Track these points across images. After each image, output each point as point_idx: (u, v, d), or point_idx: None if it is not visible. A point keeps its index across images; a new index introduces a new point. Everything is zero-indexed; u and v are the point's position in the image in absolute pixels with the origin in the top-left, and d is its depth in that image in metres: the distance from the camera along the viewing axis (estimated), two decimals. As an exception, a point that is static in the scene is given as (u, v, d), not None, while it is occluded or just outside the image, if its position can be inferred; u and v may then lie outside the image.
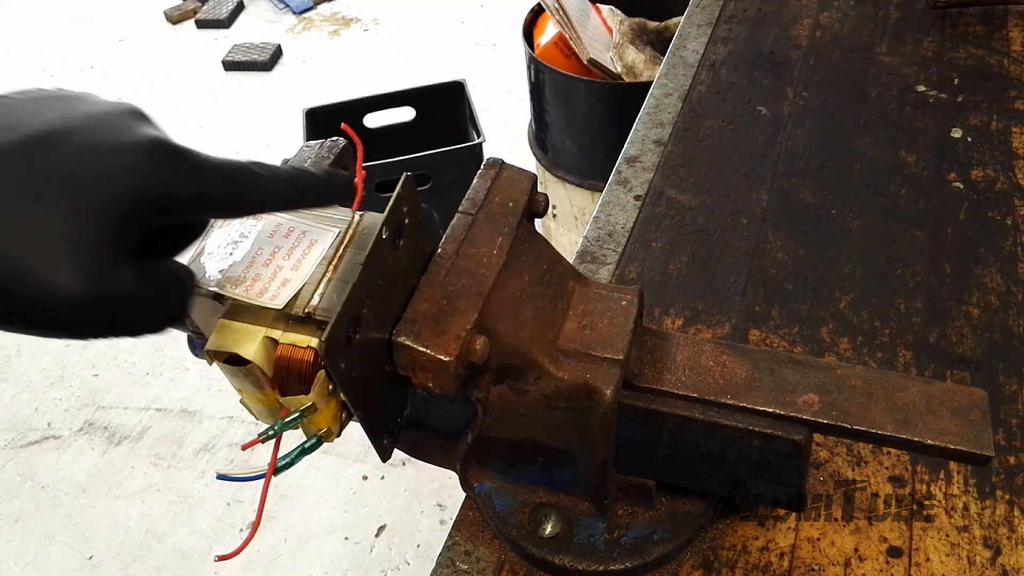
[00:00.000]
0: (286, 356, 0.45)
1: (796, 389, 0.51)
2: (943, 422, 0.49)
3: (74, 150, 0.36)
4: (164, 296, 0.40)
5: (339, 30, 3.29)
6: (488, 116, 2.23)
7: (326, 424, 0.47)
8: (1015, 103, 0.93)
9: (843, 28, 1.07)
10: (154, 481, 1.85)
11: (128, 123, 0.39)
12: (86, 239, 0.35)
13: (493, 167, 0.54)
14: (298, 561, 1.68)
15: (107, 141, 0.37)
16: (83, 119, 0.38)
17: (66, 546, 1.75)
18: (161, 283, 0.40)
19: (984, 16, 1.06)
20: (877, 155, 0.89)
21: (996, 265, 0.76)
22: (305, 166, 0.45)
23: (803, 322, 0.72)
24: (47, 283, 0.34)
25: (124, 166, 0.37)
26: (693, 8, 1.13)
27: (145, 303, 0.39)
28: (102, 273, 0.36)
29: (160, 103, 2.98)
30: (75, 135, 0.37)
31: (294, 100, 2.73)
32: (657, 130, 0.94)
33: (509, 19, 2.97)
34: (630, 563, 0.56)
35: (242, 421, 1.94)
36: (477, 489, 0.58)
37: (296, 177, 0.44)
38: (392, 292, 0.46)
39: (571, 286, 0.54)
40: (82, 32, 3.39)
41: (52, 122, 0.37)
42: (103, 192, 0.36)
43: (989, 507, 0.59)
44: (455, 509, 0.61)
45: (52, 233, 0.35)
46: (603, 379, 0.49)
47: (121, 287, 0.37)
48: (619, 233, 0.81)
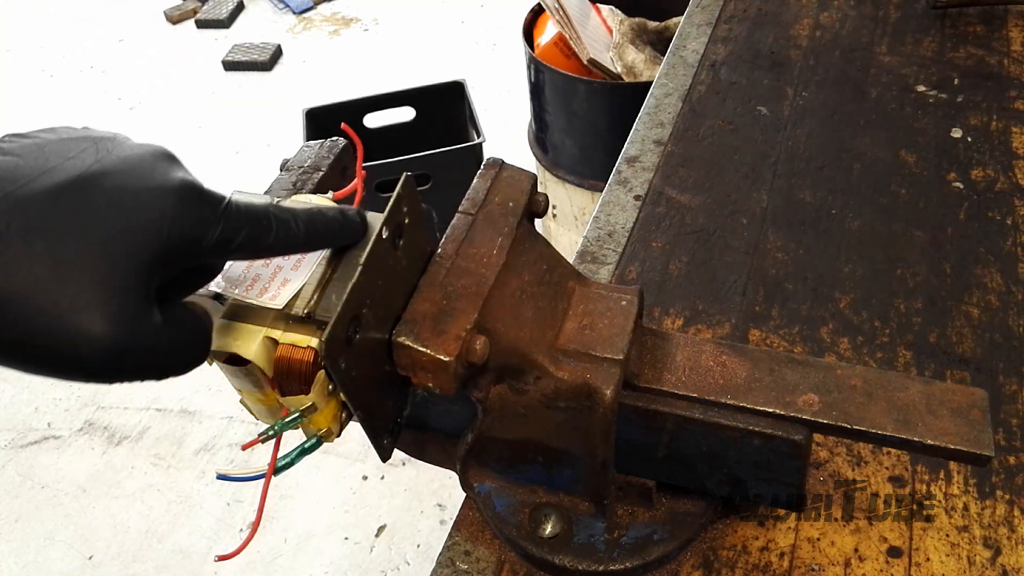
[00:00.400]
0: (286, 356, 0.45)
1: (796, 389, 0.51)
2: (943, 422, 0.49)
3: (107, 196, 0.37)
4: (190, 340, 0.41)
5: (339, 30, 3.29)
6: (488, 116, 2.23)
7: (326, 424, 0.47)
8: (1015, 103, 0.93)
9: (843, 28, 1.07)
10: (154, 481, 1.85)
11: (158, 166, 0.40)
12: (117, 285, 0.36)
13: (493, 167, 0.54)
14: (298, 561, 1.68)
15: (139, 186, 0.38)
16: (115, 163, 0.38)
17: (66, 546, 1.75)
18: (185, 327, 0.40)
19: (984, 16, 1.06)
20: (877, 155, 0.89)
21: (996, 265, 0.76)
22: (322, 207, 0.46)
23: (803, 322, 0.72)
24: (78, 330, 0.35)
25: (155, 212, 0.37)
26: (693, 8, 1.13)
27: (173, 347, 0.39)
28: (132, 319, 0.36)
29: (160, 103, 2.98)
30: (108, 180, 0.37)
31: (294, 100, 2.73)
32: (657, 130, 0.94)
33: (509, 19, 2.97)
34: (630, 563, 0.56)
35: (242, 421, 1.94)
36: (477, 489, 0.58)
37: (314, 219, 0.44)
38: (392, 292, 0.46)
39: (571, 286, 0.54)
40: (82, 32, 3.39)
41: (85, 166, 0.37)
42: (134, 238, 0.37)
43: (989, 507, 0.59)
44: (455, 509, 0.61)
45: (83, 279, 0.35)
46: (603, 379, 0.49)
47: (150, 333, 0.37)
48: (619, 233, 0.81)
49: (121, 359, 0.36)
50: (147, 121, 2.91)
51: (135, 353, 0.37)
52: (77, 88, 3.09)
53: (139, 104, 2.99)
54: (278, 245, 0.43)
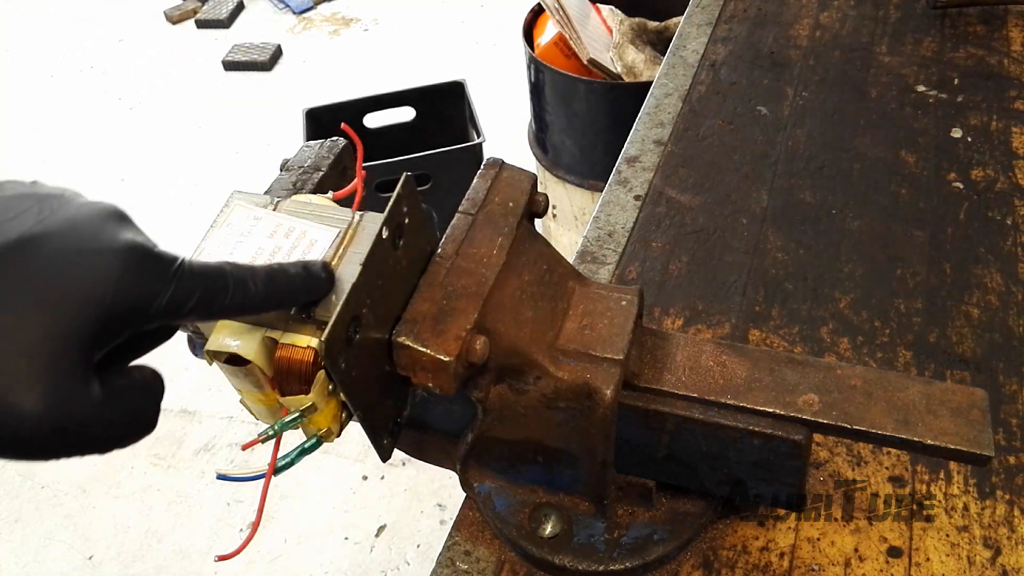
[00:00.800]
0: (286, 356, 0.45)
1: (796, 389, 0.51)
2: (943, 422, 0.49)
3: (45, 260, 0.35)
4: (134, 412, 0.38)
5: (339, 30, 3.29)
6: (488, 116, 2.22)
7: (326, 424, 0.47)
8: (1015, 103, 0.93)
9: (843, 28, 1.07)
10: (154, 481, 1.85)
11: (105, 227, 0.37)
12: (52, 358, 0.34)
13: (493, 167, 0.54)
14: (298, 561, 1.68)
15: (82, 248, 0.36)
16: (58, 224, 0.36)
17: (66, 546, 1.75)
18: (129, 397, 0.38)
19: (984, 16, 1.06)
20: (877, 155, 0.89)
21: (996, 265, 0.76)
22: (284, 264, 0.43)
23: (803, 322, 0.72)
24: (7, 408, 0.33)
25: (97, 277, 0.35)
26: (693, 8, 1.13)
27: (114, 422, 0.37)
28: (67, 394, 0.34)
29: (160, 103, 2.98)
30: (48, 242, 0.35)
31: (294, 100, 2.73)
32: (657, 130, 0.94)
33: (509, 19, 2.97)
34: (630, 563, 0.56)
35: (242, 421, 1.94)
36: (477, 489, 0.58)
37: (274, 277, 0.42)
38: (392, 292, 0.46)
39: (571, 286, 0.54)
40: (82, 32, 3.39)
41: (25, 228, 0.35)
42: (73, 306, 0.34)
43: (989, 507, 0.59)
44: (455, 509, 0.61)
45: (16, 351, 0.33)
46: (603, 379, 0.49)
47: (87, 408, 0.35)
48: (619, 233, 0.81)
49: (56, 438, 0.34)
50: (147, 121, 2.91)
51: (72, 431, 0.34)
52: (77, 88, 3.09)
53: (139, 104, 2.99)
54: (235, 306, 0.40)
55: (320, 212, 0.49)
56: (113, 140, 2.83)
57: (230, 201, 0.50)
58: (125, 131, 2.87)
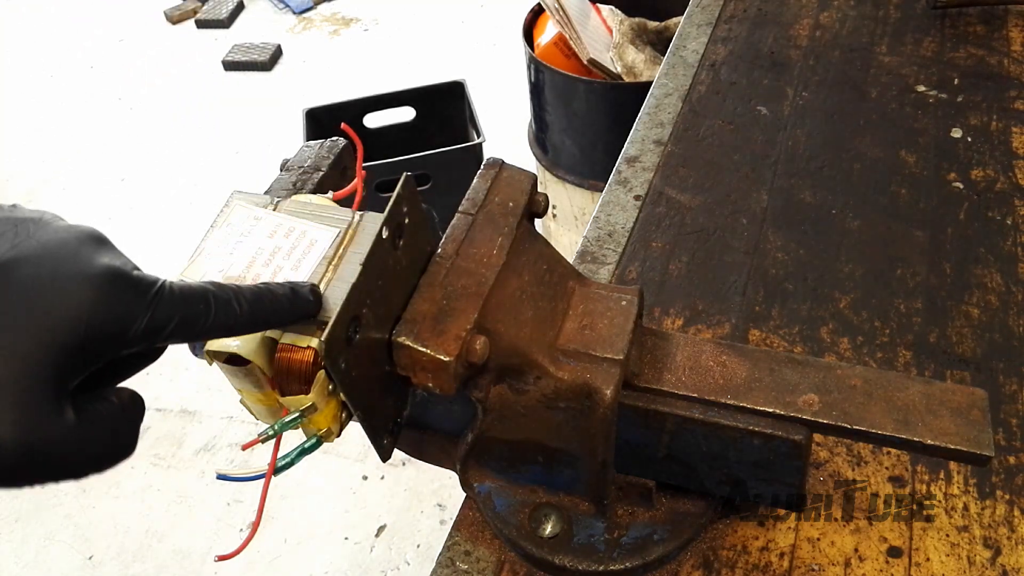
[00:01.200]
0: (286, 356, 0.45)
1: (796, 389, 0.51)
2: (943, 422, 0.49)
3: (19, 285, 0.34)
4: (109, 437, 0.37)
5: (339, 30, 3.29)
6: (488, 116, 2.22)
7: (326, 424, 0.47)
8: (1015, 103, 0.93)
9: (843, 28, 1.07)
10: (154, 481, 1.84)
11: (82, 251, 0.37)
12: (23, 384, 0.33)
13: (493, 167, 0.54)
14: (298, 561, 1.68)
15: (57, 273, 0.35)
16: (34, 248, 0.36)
17: (66, 546, 1.75)
18: (105, 421, 0.37)
19: (984, 16, 1.06)
20: (877, 155, 0.89)
21: (996, 265, 0.76)
22: (271, 284, 0.42)
23: (803, 322, 0.72)
24: None
25: (72, 302, 0.35)
26: (693, 8, 1.13)
27: (88, 448, 0.36)
28: (39, 422, 0.33)
29: (160, 103, 2.98)
30: (22, 267, 0.35)
31: (294, 100, 2.73)
32: (657, 130, 0.94)
33: (509, 19, 2.97)
34: (630, 563, 0.56)
35: (242, 421, 1.94)
36: (477, 489, 0.58)
37: (260, 298, 0.41)
38: (392, 292, 0.46)
39: (571, 286, 0.54)
40: (82, 32, 3.39)
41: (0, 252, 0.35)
42: (48, 334, 0.34)
43: (989, 507, 0.59)
44: (455, 509, 0.61)
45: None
46: (603, 379, 0.49)
47: (59, 435, 0.34)
48: (619, 233, 0.81)
49: (28, 466, 0.33)
50: (147, 121, 2.91)
51: (44, 458, 0.34)
52: (77, 88, 3.09)
53: (139, 104, 2.99)
54: (218, 328, 0.40)
55: (320, 212, 0.49)
56: (113, 140, 2.83)
57: (230, 201, 0.50)
58: (125, 131, 2.87)
